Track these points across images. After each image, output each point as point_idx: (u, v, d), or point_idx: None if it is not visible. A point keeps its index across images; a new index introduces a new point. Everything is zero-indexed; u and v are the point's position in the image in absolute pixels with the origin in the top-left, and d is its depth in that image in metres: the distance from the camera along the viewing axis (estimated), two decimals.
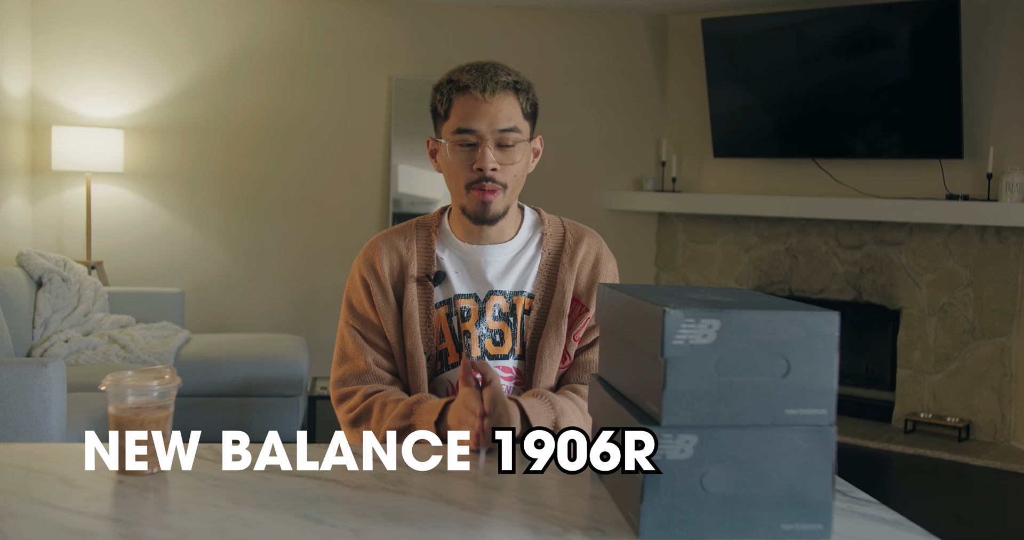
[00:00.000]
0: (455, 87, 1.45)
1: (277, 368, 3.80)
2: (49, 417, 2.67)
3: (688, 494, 0.92)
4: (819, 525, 0.94)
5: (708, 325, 0.91)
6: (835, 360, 0.94)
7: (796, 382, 0.93)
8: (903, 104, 4.35)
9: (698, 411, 0.92)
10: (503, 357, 1.51)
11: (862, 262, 4.63)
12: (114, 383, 1.11)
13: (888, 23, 4.30)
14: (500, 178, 1.45)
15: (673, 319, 0.91)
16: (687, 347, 0.91)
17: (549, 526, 0.97)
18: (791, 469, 0.94)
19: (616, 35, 5.06)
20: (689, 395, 0.92)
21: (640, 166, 5.16)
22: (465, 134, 1.45)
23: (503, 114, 1.44)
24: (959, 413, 4.38)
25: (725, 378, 0.92)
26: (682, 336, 0.91)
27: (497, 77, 1.44)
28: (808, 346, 0.93)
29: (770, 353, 0.93)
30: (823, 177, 4.68)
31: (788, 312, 0.93)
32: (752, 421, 0.93)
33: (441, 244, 1.55)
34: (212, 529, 0.93)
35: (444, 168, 1.51)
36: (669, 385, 0.92)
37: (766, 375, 0.93)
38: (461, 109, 1.45)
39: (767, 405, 0.93)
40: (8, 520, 0.94)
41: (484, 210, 1.47)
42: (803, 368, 0.93)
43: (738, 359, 0.92)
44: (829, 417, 0.94)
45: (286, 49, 4.79)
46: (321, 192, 4.88)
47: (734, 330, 0.92)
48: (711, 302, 0.97)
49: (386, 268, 1.53)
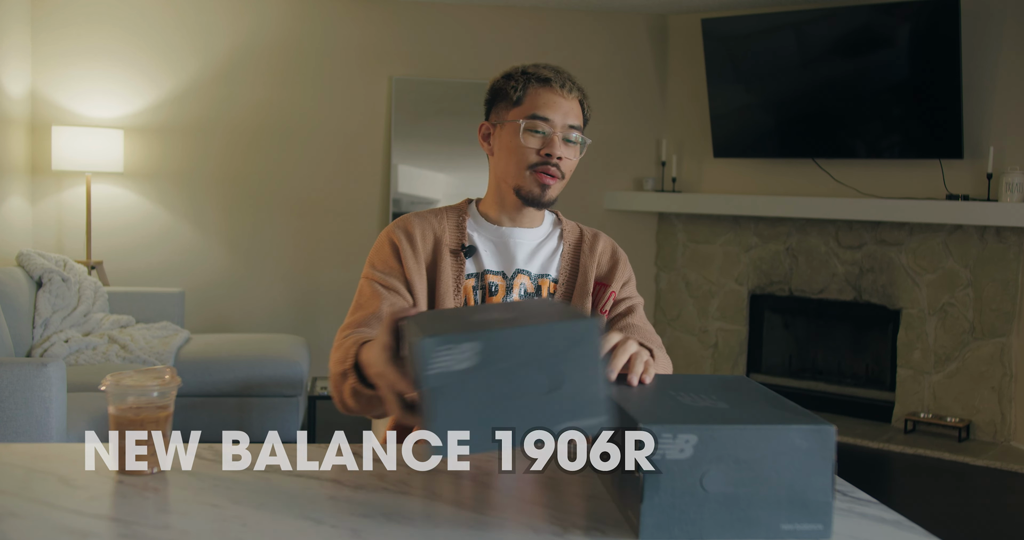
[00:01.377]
0: (534, 78, 1.55)
1: (277, 368, 3.81)
2: (49, 417, 2.67)
3: (688, 494, 0.92)
4: (819, 525, 0.94)
5: (467, 348, 0.91)
6: (598, 368, 0.94)
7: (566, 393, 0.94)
8: (903, 104, 4.35)
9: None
10: None
11: (862, 262, 4.63)
12: (114, 383, 1.11)
13: (888, 23, 4.30)
14: (563, 167, 1.54)
15: (428, 346, 0.91)
16: (446, 375, 0.91)
17: (549, 526, 0.97)
18: (791, 469, 0.93)
19: (616, 35, 5.07)
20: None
21: (640, 166, 5.17)
22: (540, 121, 1.52)
23: (574, 112, 1.55)
24: (959, 413, 4.38)
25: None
26: (439, 364, 0.91)
27: (573, 80, 1.57)
28: (575, 358, 0.93)
29: (538, 369, 0.93)
30: (823, 177, 4.68)
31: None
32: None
33: (472, 224, 1.61)
34: (212, 529, 0.93)
35: (504, 149, 1.56)
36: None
37: (529, 390, 0.93)
38: (540, 98, 1.53)
39: (540, 421, 0.94)
40: (8, 520, 0.94)
41: (542, 193, 1.54)
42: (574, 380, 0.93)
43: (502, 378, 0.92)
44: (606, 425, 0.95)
45: (286, 49, 4.79)
46: (321, 192, 4.89)
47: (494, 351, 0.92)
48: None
49: (419, 235, 1.56)
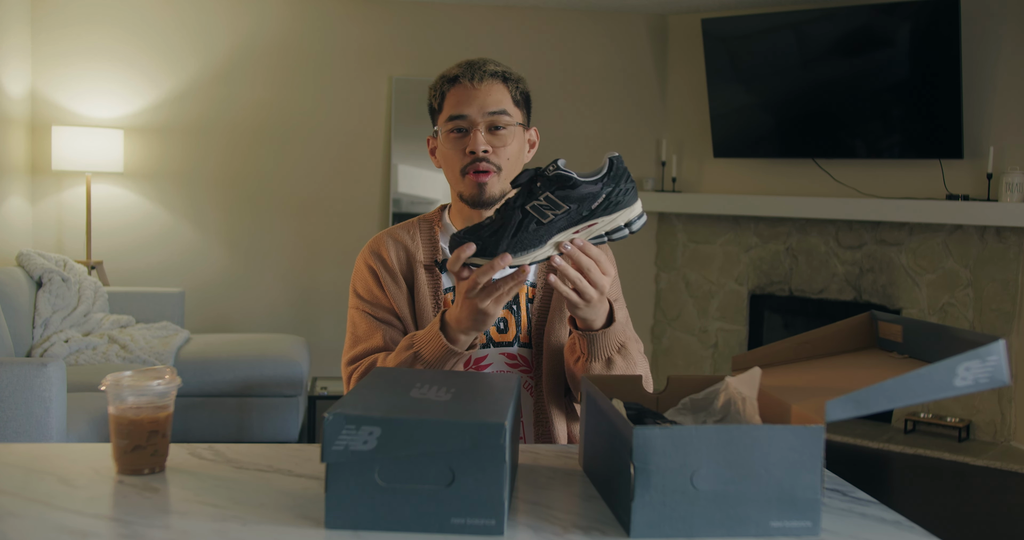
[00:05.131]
0: (446, 80, 1.52)
1: (277, 368, 3.81)
2: (49, 417, 2.68)
3: (679, 492, 0.93)
4: (808, 522, 0.95)
5: (368, 431, 0.93)
6: (504, 471, 0.94)
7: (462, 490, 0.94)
8: (903, 104, 4.35)
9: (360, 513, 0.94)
10: (507, 344, 1.54)
11: (862, 262, 4.64)
12: (114, 383, 1.11)
13: (888, 23, 4.30)
14: (493, 159, 1.49)
15: (330, 423, 0.93)
16: (347, 453, 0.93)
17: (549, 526, 0.97)
18: (780, 468, 0.94)
19: (616, 35, 5.07)
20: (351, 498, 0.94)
21: (640, 166, 5.16)
22: (457, 120, 1.49)
23: (492, 99, 1.49)
24: (959, 413, 4.39)
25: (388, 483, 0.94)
26: (342, 442, 0.93)
27: (485, 67, 1.51)
28: (474, 456, 0.93)
29: (434, 462, 0.94)
30: (823, 177, 4.69)
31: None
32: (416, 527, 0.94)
33: (444, 236, 1.59)
34: (212, 529, 0.93)
35: (442, 159, 1.54)
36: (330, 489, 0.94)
37: (426, 481, 0.93)
38: (453, 98, 1.50)
39: (433, 513, 0.94)
40: (8, 520, 0.94)
41: (480, 192, 1.49)
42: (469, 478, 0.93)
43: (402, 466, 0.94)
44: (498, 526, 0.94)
45: (286, 49, 4.80)
46: (321, 192, 4.89)
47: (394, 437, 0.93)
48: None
49: (393, 257, 1.55)
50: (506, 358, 1.54)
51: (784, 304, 4.93)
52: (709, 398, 1.20)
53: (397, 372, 1.19)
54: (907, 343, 1.20)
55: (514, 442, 1.05)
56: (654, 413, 1.17)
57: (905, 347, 1.20)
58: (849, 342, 1.27)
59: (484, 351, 1.53)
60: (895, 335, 1.22)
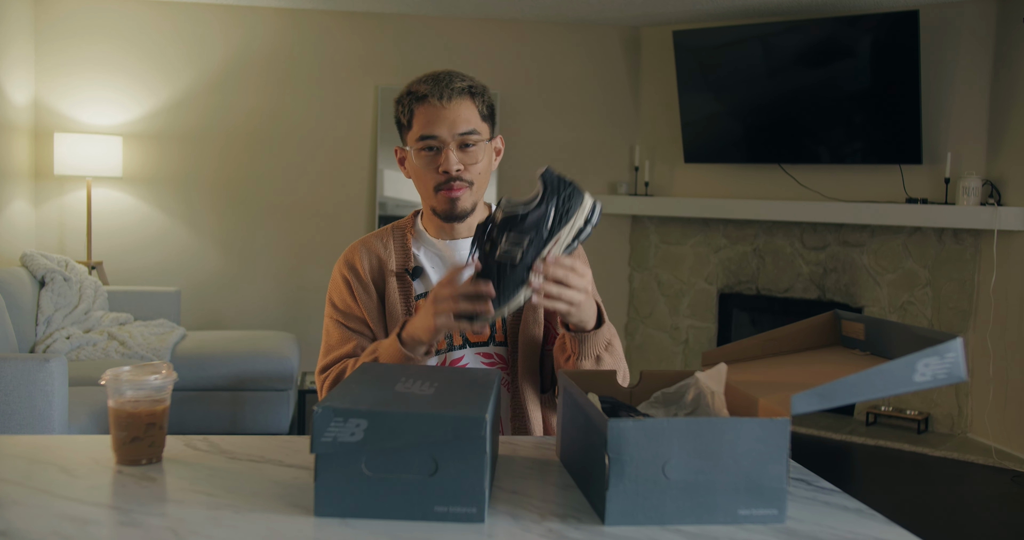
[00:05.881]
0: (414, 98, 1.49)
1: (268, 363, 3.81)
2: (51, 410, 2.69)
3: (651, 482, 0.94)
4: (774, 510, 0.97)
5: (356, 423, 0.94)
6: (485, 460, 0.95)
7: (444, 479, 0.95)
8: (865, 112, 4.35)
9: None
10: (483, 344, 1.55)
11: (826, 262, 4.64)
12: (113, 378, 1.12)
13: (851, 35, 4.30)
14: (466, 176, 1.49)
15: (319, 416, 0.94)
16: (335, 444, 0.94)
17: (528, 514, 0.99)
18: (748, 458, 0.95)
19: (591, 46, 5.07)
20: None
21: (614, 171, 5.17)
22: (428, 140, 1.48)
23: (461, 118, 1.47)
24: (918, 406, 4.42)
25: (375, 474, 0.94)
26: (330, 434, 0.94)
27: (452, 84, 1.47)
28: (456, 447, 0.94)
29: (419, 453, 0.95)
30: (789, 182, 4.70)
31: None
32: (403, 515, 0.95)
33: (416, 242, 1.59)
34: (207, 517, 0.94)
35: (413, 173, 1.54)
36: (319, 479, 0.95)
37: (410, 472, 0.95)
38: (423, 117, 1.48)
39: (417, 501, 0.95)
40: (12, 508, 0.95)
41: (453, 207, 1.50)
42: (451, 467, 0.94)
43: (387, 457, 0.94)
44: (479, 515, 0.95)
45: (277, 60, 4.80)
46: (310, 195, 4.88)
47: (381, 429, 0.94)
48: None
49: (366, 266, 1.56)
50: (482, 357, 1.54)
51: (751, 302, 4.92)
52: (680, 392, 1.20)
53: (382, 368, 1.20)
54: (869, 340, 1.21)
55: (494, 434, 1.06)
56: (628, 406, 1.17)
57: (867, 344, 1.21)
58: (814, 339, 1.29)
59: (461, 352, 1.53)
60: (858, 333, 1.23)
